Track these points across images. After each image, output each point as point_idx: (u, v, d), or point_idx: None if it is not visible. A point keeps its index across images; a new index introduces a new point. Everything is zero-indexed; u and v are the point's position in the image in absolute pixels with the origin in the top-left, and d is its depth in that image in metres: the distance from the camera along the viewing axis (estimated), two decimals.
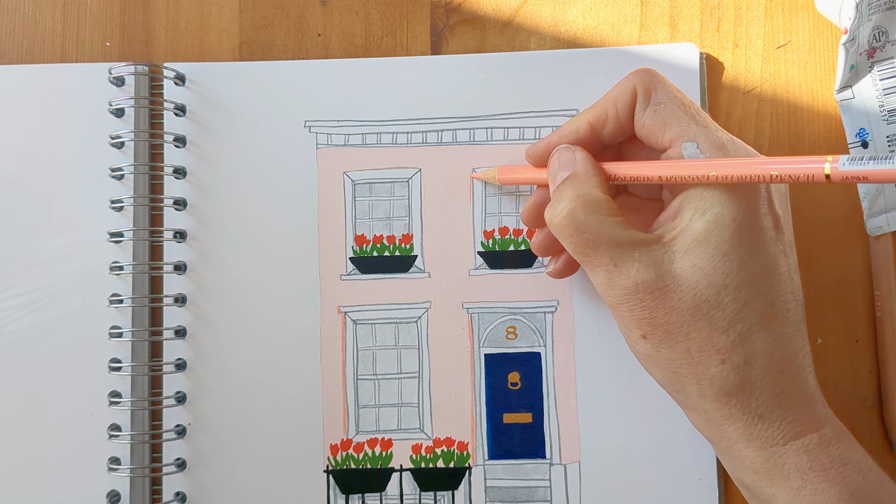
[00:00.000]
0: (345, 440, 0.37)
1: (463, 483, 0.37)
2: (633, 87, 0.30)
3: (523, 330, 0.38)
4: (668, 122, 0.29)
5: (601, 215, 0.29)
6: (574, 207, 0.29)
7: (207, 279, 0.38)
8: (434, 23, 0.40)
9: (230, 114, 0.38)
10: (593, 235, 0.29)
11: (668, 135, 0.30)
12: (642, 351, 0.30)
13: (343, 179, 0.38)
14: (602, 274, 0.29)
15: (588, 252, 0.29)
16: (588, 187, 0.30)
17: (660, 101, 0.30)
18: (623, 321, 0.29)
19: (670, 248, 0.28)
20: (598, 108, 0.31)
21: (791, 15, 0.39)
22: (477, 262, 0.38)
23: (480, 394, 0.37)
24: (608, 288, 0.29)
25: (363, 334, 0.38)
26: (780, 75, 0.39)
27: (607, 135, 0.32)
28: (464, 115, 0.38)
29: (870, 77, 0.37)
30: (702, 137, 0.29)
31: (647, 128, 0.30)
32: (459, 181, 0.38)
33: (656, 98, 0.30)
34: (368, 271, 0.38)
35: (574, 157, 0.31)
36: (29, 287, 0.37)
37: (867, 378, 0.38)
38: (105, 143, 0.37)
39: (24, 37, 0.40)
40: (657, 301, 0.28)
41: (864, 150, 0.37)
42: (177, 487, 0.36)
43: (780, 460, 0.28)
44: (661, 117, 0.30)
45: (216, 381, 0.37)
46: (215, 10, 0.40)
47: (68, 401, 0.37)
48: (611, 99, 0.31)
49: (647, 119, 0.30)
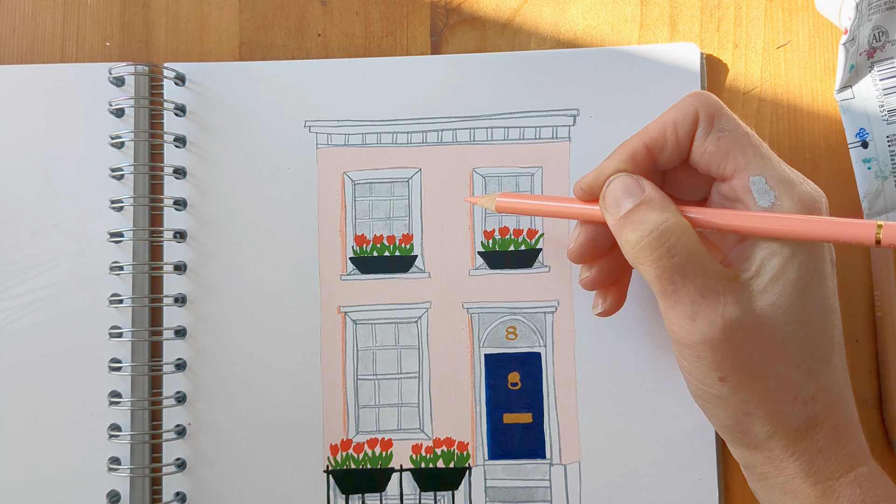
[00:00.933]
0: (345, 440, 0.37)
1: (463, 483, 0.37)
2: (695, 110, 0.29)
3: (523, 330, 0.38)
4: (731, 151, 0.28)
5: (692, 241, 0.27)
6: (666, 229, 0.27)
7: (207, 279, 0.37)
8: (434, 23, 0.40)
9: (230, 114, 0.38)
10: (684, 261, 0.27)
11: (731, 165, 0.28)
12: (715, 394, 0.28)
13: (343, 179, 0.38)
14: (687, 305, 0.27)
15: (675, 280, 0.27)
16: (672, 211, 0.28)
17: (724, 128, 0.28)
18: (699, 362, 0.27)
19: (748, 286, 0.27)
20: (656, 131, 0.29)
21: (791, 15, 0.39)
22: (477, 262, 0.38)
23: (480, 394, 0.37)
24: (691, 322, 0.27)
25: (363, 334, 0.38)
26: (780, 75, 0.39)
27: (663, 160, 0.30)
28: (464, 114, 0.38)
29: (870, 77, 0.37)
30: (770, 172, 0.28)
31: (707, 155, 0.29)
32: (459, 181, 0.38)
33: (720, 125, 0.28)
34: (368, 271, 0.38)
35: (639, 184, 0.29)
36: (29, 287, 0.37)
37: (867, 378, 0.38)
38: (105, 144, 0.37)
39: (24, 37, 0.40)
40: (742, 340, 0.27)
41: (864, 150, 0.37)
42: (177, 487, 0.36)
43: (835, 493, 0.27)
44: (724, 146, 0.28)
45: (216, 381, 0.37)
46: (215, 10, 0.40)
47: (68, 401, 0.37)
48: (670, 122, 0.29)
49: (710, 146, 0.28)
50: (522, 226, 0.38)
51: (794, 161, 0.38)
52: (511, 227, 0.38)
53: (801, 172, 0.29)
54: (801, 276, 0.27)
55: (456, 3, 0.39)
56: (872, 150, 0.37)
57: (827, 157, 0.38)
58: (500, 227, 0.38)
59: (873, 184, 0.37)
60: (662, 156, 0.30)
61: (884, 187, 0.37)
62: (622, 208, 0.29)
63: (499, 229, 0.38)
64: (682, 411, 0.36)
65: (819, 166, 0.38)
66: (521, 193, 0.35)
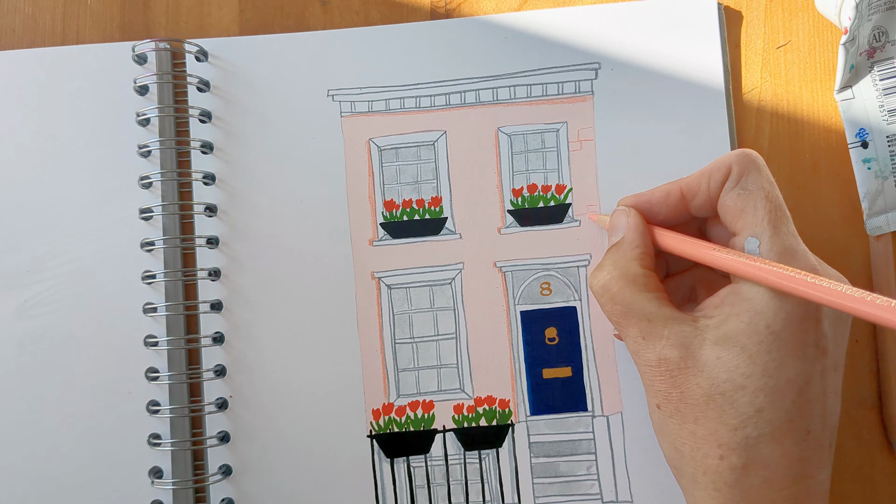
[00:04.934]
0: (386, 404, 0.37)
1: (506, 440, 0.37)
2: (730, 165, 0.30)
3: (557, 285, 0.38)
4: (745, 210, 0.29)
5: (635, 289, 0.30)
6: (609, 280, 0.30)
7: (240, 252, 0.37)
8: None
9: (253, 87, 0.38)
10: (625, 308, 0.30)
11: (740, 222, 0.29)
12: (654, 419, 0.30)
13: (369, 146, 0.38)
14: (631, 342, 0.30)
15: (619, 321, 0.30)
16: (628, 259, 0.31)
17: (747, 186, 0.29)
18: (645, 387, 0.30)
19: (702, 333, 0.28)
20: (694, 178, 0.31)
21: (791, 15, 0.39)
22: (507, 221, 0.38)
23: (518, 351, 0.37)
24: (634, 356, 0.30)
25: (398, 298, 0.38)
26: (780, 75, 0.39)
27: (696, 206, 0.31)
28: (486, 74, 0.38)
29: (870, 77, 0.37)
30: (768, 237, 0.28)
31: (725, 208, 0.30)
32: (485, 141, 0.38)
33: (745, 182, 0.29)
34: (399, 236, 0.38)
35: (625, 223, 0.32)
36: (64, 270, 0.37)
37: (867, 378, 0.37)
38: (131, 123, 0.37)
39: (24, 37, 0.39)
40: (676, 379, 0.28)
41: (864, 150, 0.37)
42: (220, 461, 0.36)
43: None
44: (741, 203, 0.29)
45: (255, 353, 0.37)
46: (215, 10, 0.40)
47: (106, 379, 0.36)
48: (707, 172, 0.31)
49: (729, 201, 0.30)
50: (550, 182, 0.38)
51: (794, 161, 0.38)
52: (539, 183, 0.38)
53: (801, 173, 0.29)
54: (755, 343, 0.27)
55: (456, 3, 0.40)
56: (872, 150, 0.37)
57: (827, 157, 0.38)
58: (529, 184, 0.38)
59: (873, 184, 0.37)
60: (694, 203, 0.31)
61: (884, 187, 0.37)
62: (608, 245, 0.33)
63: (527, 186, 0.38)
64: None
65: (819, 166, 0.38)
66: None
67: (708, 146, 0.37)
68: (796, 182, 0.38)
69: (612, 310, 0.30)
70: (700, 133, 0.38)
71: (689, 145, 0.37)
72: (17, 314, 0.37)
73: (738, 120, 0.38)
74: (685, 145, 0.37)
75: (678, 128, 0.38)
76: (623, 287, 0.30)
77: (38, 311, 0.37)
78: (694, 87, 0.38)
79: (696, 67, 0.38)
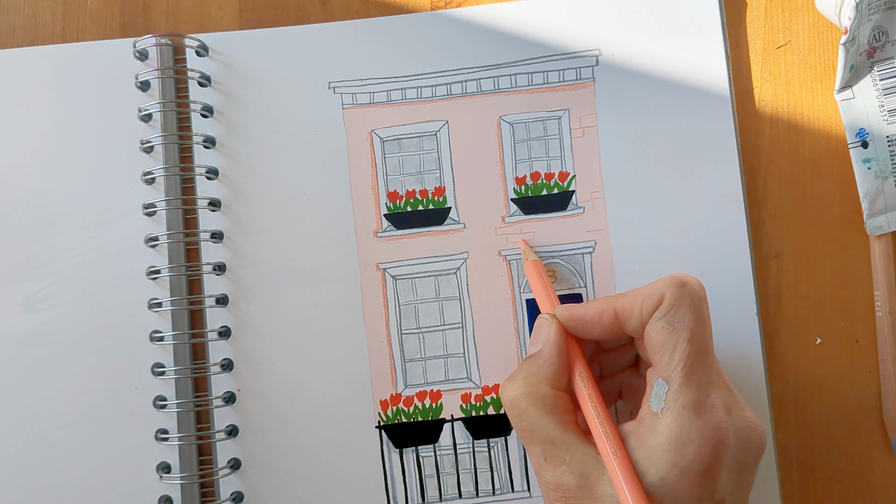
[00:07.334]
0: (394, 395, 0.37)
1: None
2: (663, 294, 0.29)
3: (563, 272, 0.38)
4: (664, 347, 0.28)
5: (542, 411, 0.29)
6: (518, 396, 0.30)
7: (244, 247, 0.37)
8: None
9: (254, 81, 0.38)
10: (531, 427, 0.29)
11: (656, 359, 0.28)
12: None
13: (371, 137, 0.38)
14: (534, 460, 0.29)
15: (524, 438, 0.30)
16: (539, 378, 0.30)
17: (674, 321, 0.28)
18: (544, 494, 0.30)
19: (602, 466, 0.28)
20: (629, 300, 0.30)
21: (791, 15, 0.39)
22: (511, 209, 0.38)
23: (525, 339, 0.37)
24: (536, 473, 0.30)
25: (403, 289, 0.38)
26: (780, 75, 0.39)
27: (630, 329, 0.30)
28: (487, 63, 0.38)
29: (870, 77, 0.37)
30: (677, 386, 0.27)
31: (649, 339, 0.29)
32: (487, 130, 0.38)
33: (673, 317, 0.28)
34: (404, 226, 0.38)
35: (546, 336, 0.31)
36: (68, 266, 0.37)
37: (867, 378, 0.37)
38: (133, 118, 0.37)
39: (24, 36, 0.40)
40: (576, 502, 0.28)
41: (864, 150, 0.37)
42: (228, 455, 0.36)
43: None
44: (662, 338, 0.28)
45: (261, 347, 0.37)
46: (215, 10, 0.40)
47: (112, 374, 0.36)
48: (641, 296, 0.29)
49: (653, 332, 0.28)
50: (553, 169, 0.38)
51: (794, 161, 0.38)
52: (542, 171, 0.38)
53: (801, 173, 0.28)
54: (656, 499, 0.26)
55: (455, 3, 0.40)
56: (872, 150, 0.37)
57: (827, 156, 0.38)
58: (532, 172, 0.38)
59: (873, 184, 0.37)
60: (628, 325, 0.30)
61: (884, 187, 0.37)
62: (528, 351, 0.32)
63: (530, 174, 0.38)
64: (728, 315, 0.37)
65: (819, 166, 0.38)
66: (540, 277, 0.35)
67: (710, 129, 0.38)
68: (796, 182, 0.38)
69: (519, 426, 0.30)
70: (702, 116, 0.38)
71: (692, 128, 0.38)
72: (22, 309, 0.37)
73: (738, 121, 0.38)
74: (688, 129, 0.38)
75: (680, 111, 0.38)
76: (530, 405, 0.29)
77: (43, 306, 0.37)
78: (695, 71, 0.38)
79: (696, 49, 0.38)
